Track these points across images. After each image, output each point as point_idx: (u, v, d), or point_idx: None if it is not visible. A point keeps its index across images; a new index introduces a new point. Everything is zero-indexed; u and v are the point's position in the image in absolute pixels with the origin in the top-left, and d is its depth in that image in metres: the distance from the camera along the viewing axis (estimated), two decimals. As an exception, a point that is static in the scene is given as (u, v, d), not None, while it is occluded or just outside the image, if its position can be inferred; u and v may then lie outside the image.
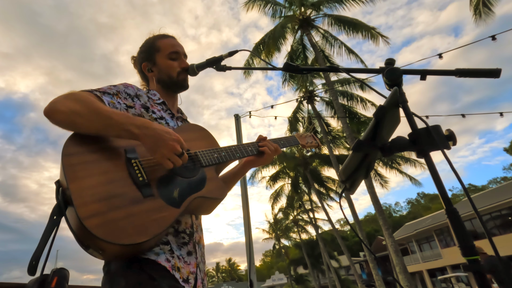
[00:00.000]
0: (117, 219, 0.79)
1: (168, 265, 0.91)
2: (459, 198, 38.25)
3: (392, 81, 0.80)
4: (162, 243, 0.95)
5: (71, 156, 0.84)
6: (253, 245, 4.75)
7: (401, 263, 8.63)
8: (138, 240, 0.79)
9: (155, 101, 1.19)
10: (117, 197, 0.83)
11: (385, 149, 0.74)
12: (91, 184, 0.81)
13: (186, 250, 1.01)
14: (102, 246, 0.77)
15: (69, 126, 0.90)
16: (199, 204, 1.02)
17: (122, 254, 0.84)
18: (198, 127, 1.23)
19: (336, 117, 13.16)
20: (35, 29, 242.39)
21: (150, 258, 0.89)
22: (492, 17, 9.02)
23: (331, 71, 1.24)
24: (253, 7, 12.74)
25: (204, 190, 1.02)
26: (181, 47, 1.30)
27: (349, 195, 10.35)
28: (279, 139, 1.40)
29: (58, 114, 0.89)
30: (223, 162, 1.14)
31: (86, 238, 0.77)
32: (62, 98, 0.91)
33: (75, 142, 0.88)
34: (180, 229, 1.02)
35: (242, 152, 1.23)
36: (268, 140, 1.32)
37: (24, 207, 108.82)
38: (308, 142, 1.54)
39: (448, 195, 0.62)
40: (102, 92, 1.02)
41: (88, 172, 0.83)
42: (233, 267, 63.80)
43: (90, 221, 0.75)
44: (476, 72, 0.80)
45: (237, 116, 5.89)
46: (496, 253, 0.57)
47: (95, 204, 0.78)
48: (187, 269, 0.98)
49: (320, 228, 28.50)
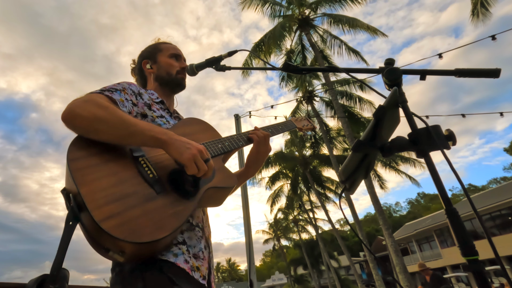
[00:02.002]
0: (134, 217, 0.78)
1: (187, 267, 0.90)
2: (459, 198, 38.25)
3: (391, 81, 0.79)
4: (179, 242, 0.93)
5: (77, 160, 0.83)
6: (253, 245, 4.75)
7: (401, 263, 8.63)
8: (158, 236, 0.79)
9: (154, 100, 1.20)
10: (130, 196, 0.82)
11: (384, 149, 0.74)
12: (102, 186, 0.80)
13: (203, 243, 1.02)
14: (123, 247, 0.76)
15: (90, 133, 0.86)
16: (211, 195, 1.03)
17: (143, 253, 0.82)
18: (198, 120, 1.24)
19: (336, 117, 13.15)
20: (37, 30, 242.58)
21: (169, 260, 0.87)
22: (489, 18, 9.02)
23: (331, 71, 1.24)
24: (250, 6, 12.66)
25: (215, 180, 1.02)
26: (181, 53, 1.36)
27: (349, 195, 10.35)
28: (278, 125, 1.42)
29: (79, 119, 0.85)
30: (228, 151, 1.15)
31: (105, 241, 0.76)
32: (82, 103, 0.88)
33: (79, 146, 0.86)
34: (194, 223, 1.02)
35: (244, 139, 1.24)
36: (259, 128, 1.31)
37: (24, 207, 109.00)
38: (304, 125, 1.58)
39: (448, 195, 0.62)
40: (111, 91, 1.00)
41: (97, 174, 0.82)
42: (233, 267, 63.80)
43: (107, 223, 0.73)
44: (475, 72, 0.80)
45: (237, 116, 5.89)
46: (496, 253, 0.57)
47: (109, 205, 0.77)
48: (205, 265, 0.98)
49: (320, 228, 28.53)
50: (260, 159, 1.28)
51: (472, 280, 17.62)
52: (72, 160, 0.82)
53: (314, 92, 15.17)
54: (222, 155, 1.13)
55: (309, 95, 14.90)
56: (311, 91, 15.01)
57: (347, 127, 11.03)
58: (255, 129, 1.30)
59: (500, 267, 0.58)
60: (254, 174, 1.35)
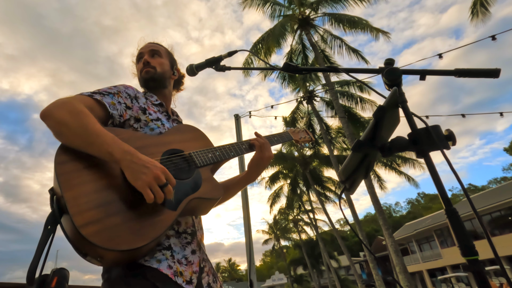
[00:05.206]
0: (114, 225, 0.79)
1: (170, 272, 0.90)
2: (459, 198, 38.25)
3: (391, 81, 0.79)
4: (163, 248, 0.94)
5: (64, 164, 0.83)
6: (253, 245, 4.75)
7: (401, 263, 8.63)
8: (136, 245, 0.79)
9: (153, 102, 1.21)
10: (112, 203, 0.82)
11: (384, 149, 0.74)
12: (85, 191, 0.80)
13: (190, 249, 1.01)
14: (101, 253, 0.76)
15: (56, 135, 0.89)
16: (196, 205, 1.01)
17: (121, 260, 0.83)
18: (192, 128, 1.23)
19: (336, 117, 13.14)
20: (40, 32, 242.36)
21: (152, 266, 0.88)
22: (489, 18, 9.02)
23: (331, 71, 1.24)
24: (251, 5, 12.67)
25: (200, 191, 1.01)
26: (146, 47, 1.30)
27: (349, 195, 10.34)
28: (273, 136, 1.41)
29: (49, 119, 0.88)
30: (217, 161, 1.13)
31: (83, 246, 0.77)
32: (59, 104, 0.90)
33: (67, 150, 0.87)
34: (180, 230, 1.02)
35: (236, 150, 1.22)
36: (260, 134, 1.32)
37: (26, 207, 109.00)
38: (302, 137, 1.54)
39: (447, 195, 0.62)
40: (103, 94, 1.02)
41: (82, 179, 0.82)
42: (233, 267, 63.81)
43: (86, 229, 0.74)
44: (475, 72, 0.80)
45: (237, 116, 5.90)
46: (495, 253, 0.57)
47: (91, 211, 0.77)
48: (189, 270, 0.98)
49: (320, 228, 28.50)
50: (262, 164, 1.28)
51: (472, 280, 17.61)
52: (59, 163, 0.83)
53: (315, 92, 15.17)
54: (211, 165, 1.11)
55: (309, 95, 14.90)
56: (312, 91, 15.01)
57: (347, 127, 11.03)
58: (256, 135, 1.31)
59: (500, 267, 0.58)
60: (255, 179, 1.35)
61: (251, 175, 1.31)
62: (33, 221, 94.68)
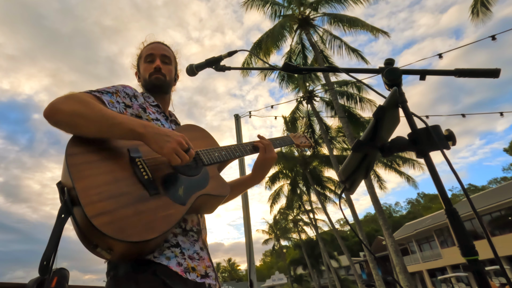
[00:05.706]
0: (125, 216, 0.79)
1: (180, 269, 0.90)
2: (459, 198, 38.25)
3: (391, 81, 0.79)
4: (172, 245, 0.94)
5: (75, 155, 0.84)
6: (253, 245, 4.75)
7: (401, 263, 8.63)
8: (147, 237, 0.79)
9: (150, 103, 1.21)
10: (124, 195, 0.83)
11: (384, 149, 0.74)
12: (97, 183, 0.81)
13: (198, 246, 1.03)
14: (111, 244, 0.76)
15: (69, 127, 0.88)
16: (204, 201, 1.03)
17: (130, 253, 0.83)
18: (197, 128, 1.26)
19: (336, 117, 13.14)
20: (40, 32, 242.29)
21: (161, 263, 0.88)
22: (489, 17, 9.02)
23: (330, 71, 1.24)
24: (252, 6, 12.71)
25: (208, 187, 1.03)
26: (159, 50, 1.28)
27: (349, 195, 10.35)
28: (275, 139, 1.45)
29: (59, 114, 0.88)
30: (224, 160, 1.16)
31: (94, 237, 0.77)
32: (63, 99, 0.90)
33: (78, 142, 0.88)
34: (187, 228, 1.03)
35: (241, 151, 1.25)
36: (263, 136, 1.36)
37: (26, 207, 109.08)
38: (302, 142, 1.60)
39: (447, 195, 0.62)
40: (101, 92, 1.03)
41: (93, 171, 0.83)
42: (233, 267, 63.82)
43: (98, 219, 0.74)
44: (475, 72, 0.80)
45: (237, 116, 5.90)
46: (495, 253, 0.57)
47: (102, 202, 0.78)
48: (203, 264, 0.99)
49: (320, 228, 28.49)
50: (266, 165, 1.31)
51: (472, 280, 17.61)
52: (70, 155, 0.84)
53: (314, 92, 15.17)
54: (217, 164, 1.14)
55: (309, 95, 14.90)
56: (311, 91, 15.01)
57: (347, 127, 11.03)
58: (260, 138, 1.34)
59: (500, 267, 0.58)
60: (260, 181, 1.37)
61: (256, 177, 1.34)
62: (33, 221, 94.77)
